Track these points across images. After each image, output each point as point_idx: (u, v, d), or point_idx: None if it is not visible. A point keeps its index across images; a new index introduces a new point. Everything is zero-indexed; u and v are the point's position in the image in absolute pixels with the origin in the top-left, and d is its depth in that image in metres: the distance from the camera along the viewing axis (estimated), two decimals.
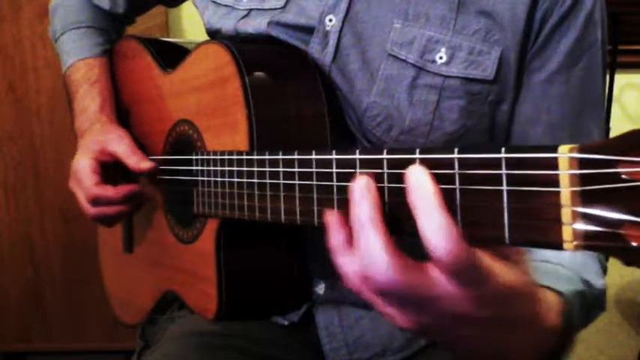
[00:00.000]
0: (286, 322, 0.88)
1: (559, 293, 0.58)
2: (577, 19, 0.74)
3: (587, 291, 0.64)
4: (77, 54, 1.04)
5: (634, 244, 0.34)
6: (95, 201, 0.91)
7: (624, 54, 2.78)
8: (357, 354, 0.85)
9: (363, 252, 0.45)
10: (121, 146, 0.92)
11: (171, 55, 0.95)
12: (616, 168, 0.35)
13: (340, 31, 0.78)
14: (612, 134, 0.44)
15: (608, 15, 0.80)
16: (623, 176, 0.35)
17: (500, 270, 0.45)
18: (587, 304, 0.63)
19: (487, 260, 0.44)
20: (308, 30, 0.79)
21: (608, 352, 2.30)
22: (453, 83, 0.74)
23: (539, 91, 0.76)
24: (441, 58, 0.74)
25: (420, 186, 0.43)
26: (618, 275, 2.75)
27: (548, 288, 0.58)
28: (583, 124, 0.77)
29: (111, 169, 0.93)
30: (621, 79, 2.96)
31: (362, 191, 0.46)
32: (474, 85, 0.74)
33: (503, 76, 0.74)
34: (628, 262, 0.36)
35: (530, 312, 0.51)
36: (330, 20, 0.78)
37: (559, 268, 0.66)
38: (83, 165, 0.92)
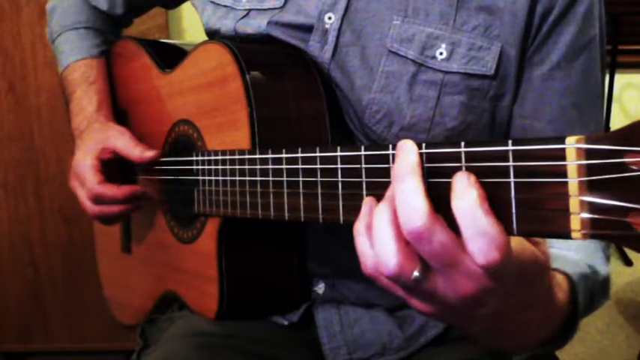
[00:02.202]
0: (286, 322, 0.88)
1: (566, 275, 0.58)
2: (576, 14, 0.74)
3: (592, 276, 0.64)
4: (75, 54, 1.04)
5: None
6: (98, 199, 0.91)
7: (624, 54, 2.79)
8: (356, 353, 0.85)
9: (400, 201, 0.45)
10: (122, 141, 0.91)
11: (169, 55, 0.95)
12: (622, 158, 0.36)
13: (339, 28, 0.78)
14: None
15: (608, 15, 0.80)
16: (630, 166, 0.36)
17: (522, 249, 0.45)
18: (591, 288, 0.64)
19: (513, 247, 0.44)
20: (307, 29, 0.79)
21: (608, 352, 2.30)
22: (453, 79, 0.74)
23: (540, 86, 0.76)
24: (441, 53, 0.74)
25: (467, 192, 0.42)
26: (618, 275, 2.75)
27: (556, 270, 0.58)
28: (582, 119, 0.77)
29: (112, 171, 0.93)
30: (621, 79, 2.96)
31: (409, 146, 0.46)
32: (474, 81, 0.74)
33: (503, 72, 0.75)
34: (634, 250, 0.36)
35: (545, 286, 0.51)
36: (329, 18, 0.78)
37: (565, 252, 0.66)
38: (85, 164, 0.92)
